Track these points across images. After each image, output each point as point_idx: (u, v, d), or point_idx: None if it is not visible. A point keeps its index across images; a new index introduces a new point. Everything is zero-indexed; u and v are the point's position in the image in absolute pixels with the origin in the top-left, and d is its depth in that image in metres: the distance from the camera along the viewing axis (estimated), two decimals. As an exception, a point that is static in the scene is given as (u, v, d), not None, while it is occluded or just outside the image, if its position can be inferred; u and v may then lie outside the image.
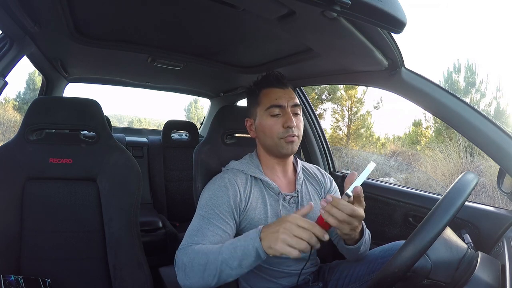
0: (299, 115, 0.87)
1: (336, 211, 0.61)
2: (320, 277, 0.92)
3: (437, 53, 26.09)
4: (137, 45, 1.19)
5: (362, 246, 0.79)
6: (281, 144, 0.84)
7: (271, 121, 0.85)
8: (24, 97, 11.69)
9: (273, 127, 0.84)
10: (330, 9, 0.56)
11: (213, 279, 0.64)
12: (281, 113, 0.85)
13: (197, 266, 0.66)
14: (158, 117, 44.46)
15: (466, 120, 0.84)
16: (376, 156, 7.67)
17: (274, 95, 0.86)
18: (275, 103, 0.85)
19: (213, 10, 0.85)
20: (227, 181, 0.83)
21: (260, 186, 0.86)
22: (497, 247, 0.77)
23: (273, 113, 0.85)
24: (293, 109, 0.86)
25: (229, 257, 0.63)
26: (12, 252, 0.90)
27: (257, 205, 0.84)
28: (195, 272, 0.66)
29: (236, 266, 0.63)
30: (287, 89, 0.88)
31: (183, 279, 0.69)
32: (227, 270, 0.63)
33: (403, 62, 0.89)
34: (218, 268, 0.64)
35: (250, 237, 0.64)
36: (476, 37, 24.00)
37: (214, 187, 0.83)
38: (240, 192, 0.82)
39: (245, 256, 0.62)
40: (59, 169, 0.96)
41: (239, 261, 0.63)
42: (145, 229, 1.48)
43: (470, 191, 0.58)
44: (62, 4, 0.85)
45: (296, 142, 0.85)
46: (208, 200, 0.80)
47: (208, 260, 0.65)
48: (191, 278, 0.67)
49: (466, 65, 8.25)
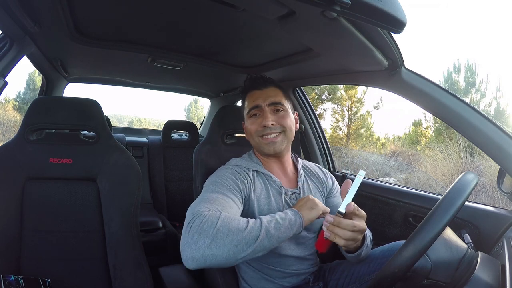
0: (281, 111, 0.88)
1: (339, 230, 0.64)
2: (321, 277, 0.92)
3: (437, 53, 26.09)
4: (137, 45, 1.19)
5: (363, 252, 0.79)
6: (261, 144, 0.88)
7: (251, 121, 0.90)
8: (24, 97, 11.69)
9: (252, 127, 0.89)
10: (330, 9, 0.56)
11: (247, 248, 0.59)
12: (260, 113, 0.88)
13: (236, 231, 0.60)
14: (158, 117, 44.49)
15: (466, 120, 0.84)
16: (376, 156, 7.67)
17: (253, 97, 0.90)
18: (253, 105, 0.89)
19: (213, 10, 0.85)
20: (233, 170, 0.85)
21: (263, 179, 0.88)
22: (497, 247, 0.77)
23: (252, 114, 0.89)
24: (272, 107, 0.88)
25: (272, 226, 0.63)
26: (12, 252, 0.90)
27: (261, 196, 0.85)
28: (231, 238, 0.59)
29: (275, 237, 0.63)
30: (267, 88, 0.91)
31: (208, 247, 0.57)
32: (265, 241, 0.61)
33: (403, 62, 0.89)
34: (259, 235, 0.61)
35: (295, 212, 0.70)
36: (476, 37, 24.01)
37: (220, 172, 0.84)
38: (246, 179, 0.84)
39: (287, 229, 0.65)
40: (59, 169, 0.96)
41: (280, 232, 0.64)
42: (145, 229, 1.48)
43: (470, 191, 0.58)
44: (62, 4, 0.85)
45: (282, 139, 0.87)
46: (217, 179, 0.80)
47: (250, 226, 0.61)
48: (220, 246, 0.58)
49: (466, 65, 8.25)
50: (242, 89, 0.96)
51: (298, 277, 0.88)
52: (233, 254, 0.58)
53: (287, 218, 0.67)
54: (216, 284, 0.89)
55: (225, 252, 0.58)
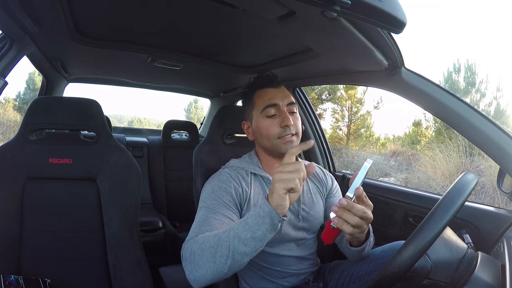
0: (295, 113, 0.87)
1: (348, 215, 0.62)
2: (320, 277, 0.92)
3: (437, 53, 26.09)
4: (137, 45, 1.19)
5: (367, 247, 0.79)
6: (279, 144, 0.83)
7: (267, 122, 0.84)
8: (24, 97, 11.69)
9: (270, 128, 0.83)
10: (330, 9, 0.56)
11: (226, 260, 0.58)
12: (277, 112, 0.84)
13: (208, 249, 0.60)
14: (158, 117, 44.44)
15: (466, 120, 0.84)
16: (376, 156, 7.66)
17: (268, 95, 0.85)
18: (270, 103, 0.84)
19: (213, 10, 0.85)
20: (229, 175, 0.83)
21: (260, 182, 0.87)
22: (497, 247, 0.77)
23: (269, 114, 0.84)
24: (289, 107, 0.85)
25: (241, 230, 0.58)
26: (12, 252, 0.90)
27: (258, 200, 0.84)
28: (206, 257, 0.60)
29: (250, 239, 0.57)
30: (280, 88, 0.88)
31: (193, 271, 0.61)
32: (241, 247, 0.57)
33: (403, 62, 0.89)
34: (230, 245, 0.58)
35: (259, 205, 0.60)
36: (476, 37, 24.01)
37: (216, 181, 0.83)
38: (241, 186, 0.83)
39: (257, 224, 0.57)
40: (59, 169, 0.96)
41: (252, 232, 0.57)
42: (145, 229, 1.48)
43: (470, 191, 0.58)
44: (62, 4, 0.85)
45: (295, 141, 0.84)
46: (211, 192, 0.79)
47: (219, 239, 0.60)
48: (201, 267, 0.60)
49: (466, 65, 8.26)
50: (249, 86, 0.91)
51: (298, 277, 0.88)
52: (216, 270, 0.60)
53: (255, 214, 0.59)
54: (216, 284, 0.88)
55: (208, 271, 0.60)
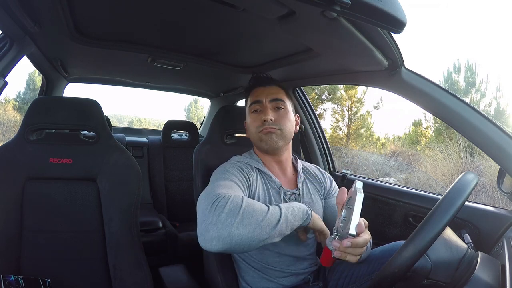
0: (282, 109, 0.89)
1: (352, 250, 0.62)
2: (320, 277, 0.92)
3: (437, 53, 26.09)
4: (137, 45, 1.19)
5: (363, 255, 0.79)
6: (260, 137, 0.88)
7: (252, 117, 0.90)
8: (24, 97, 11.69)
9: (253, 123, 0.89)
10: (330, 9, 0.56)
11: (270, 230, 0.61)
12: (261, 108, 0.89)
13: (260, 211, 0.61)
14: (158, 117, 44.50)
15: (466, 120, 0.84)
16: (376, 156, 7.66)
17: (256, 93, 0.92)
18: (254, 100, 0.91)
19: (213, 10, 0.85)
20: (239, 164, 0.85)
21: (263, 178, 0.88)
22: (497, 247, 0.77)
23: (253, 110, 0.90)
24: (273, 103, 0.89)
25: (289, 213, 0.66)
26: (12, 252, 0.90)
27: (260, 195, 0.85)
28: (256, 218, 0.60)
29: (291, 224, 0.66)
30: (269, 86, 0.92)
31: (234, 226, 0.58)
32: (284, 225, 0.64)
33: (403, 62, 0.89)
34: (280, 219, 0.63)
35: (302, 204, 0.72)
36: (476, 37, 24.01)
37: (227, 165, 0.84)
38: (251, 175, 0.84)
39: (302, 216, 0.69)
40: (59, 169, 0.96)
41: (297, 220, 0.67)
42: (145, 229, 1.48)
43: (470, 191, 0.58)
44: (62, 4, 0.85)
45: (277, 134, 0.87)
46: (224, 172, 0.79)
47: (270, 209, 0.63)
48: (245, 225, 0.59)
49: (466, 65, 8.26)
50: (246, 87, 0.97)
51: (297, 276, 0.88)
52: (257, 235, 0.59)
53: (301, 208, 0.70)
54: (216, 284, 0.89)
55: (250, 232, 0.58)
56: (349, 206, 0.62)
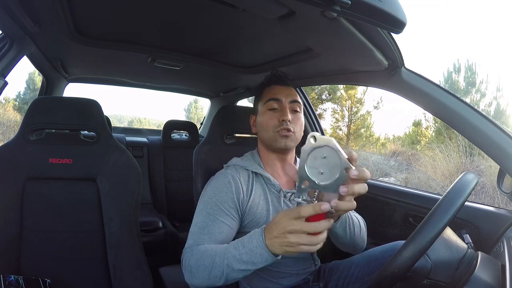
0: (298, 112, 0.88)
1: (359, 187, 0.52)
2: (321, 277, 0.92)
3: (437, 53, 26.09)
4: (137, 45, 1.19)
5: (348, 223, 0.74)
6: (275, 137, 0.85)
7: (269, 114, 0.87)
8: (24, 97, 11.70)
9: (269, 121, 0.86)
10: (330, 9, 0.56)
11: (219, 280, 0.65)
12: (279, 107, 0.87)
13: (203, 267, 0.66)
14: (158, 117, 44.54)
15: (466, 120, 0.84)
16: (376, 156, 7.66)
17: (274, 90, 0.89)
18: (273, 97, 0.87)
19: (213, 10, 0.85)
20: (230, 177, 0.83)
21: (261, 182, 0.87)
22: (497, 247, 0.77)
23: (271, 107, 0.87)
24: (292, 105, 0.87)
25: (235, 262, 0.62)
26: (12, 252, 0.90)
27: (259, 202, 0.84)
28: (201, 273, 0.66)
29: (243, 270, 0.62)
30: (288, 87, 0.91)
31: (190, 279, 0.69)
32: (233, 274, 0.63)
33: (403, 62, 0.89)
34: (224, 271, 0.63)
35: (255, 242, 0.60)
36: (476, 37, 24.01)
37: (217, 183, 0.83)
38: (242, 188, 0.83)
39: (251, 263, 0.60)
40: (59, 169, 0.96)
41: (246, 266, 0.61)
42: (145, 229, 1.48)
43: (470, 191, 0.58)
44: (62, 4, 0.85)
45: (292, 138, 0.86)
46: (213, 196, 0.80)
47: (214, 262, 0.65)
48: (198, 278, 0.67)
49: (466, 65, 8.27)
50: (263, 82, 0.94)
51: (297, 276, 0.88)
52: (211, 284, 0.66)
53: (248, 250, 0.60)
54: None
55: (203, 283, 0.67)
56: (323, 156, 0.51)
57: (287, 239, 0.54)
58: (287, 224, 0.53)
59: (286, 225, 0.53)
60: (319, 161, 0.51)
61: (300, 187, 0.52)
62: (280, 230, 0.55)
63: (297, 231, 0.52)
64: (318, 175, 0.51)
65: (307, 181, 0.52)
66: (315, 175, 0.51)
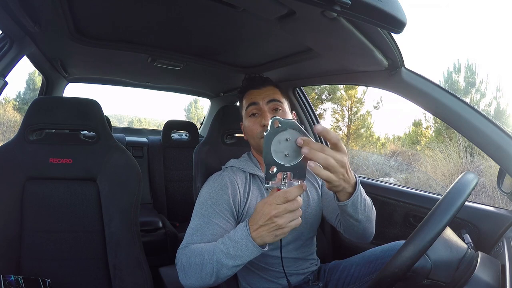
0: (279, 110, 0.87)
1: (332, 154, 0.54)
2: (321, 277, 0.92)
3: (437, 53, 26.10)
4: (137, 45, 1.19)
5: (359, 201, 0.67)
6: (261, 143, 0.84)
7: (251, 121, 0.87)
8: (24, 97, 11.69)
9: (253, 127, 0.86)
10: (330, 9, 0.56)
11: (210, 278, 0.65)
12: (258, 112, 0.86)
13: (194, 266, 0.67)
14: (158, 117, 44.54)
15: (466, 120, 0.84)
16: (376, 156, 7.67)
17: (251, 95, 0.89)
18: (250, 102, 0.88)
19: (213, 10, 0.85)
20: (227, 179, 0.83)
21: (258, 184, 0.87)
22: (497, 247, 0.77)
23: (251, 113, 0.87)
24: (270, 105, 0.86)
25: (223, 257, 0.63)
26: (12, 252, 0.90)
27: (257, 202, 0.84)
28: (193, 272, 0.67)
29: (232, 265, 0.63)
30: (264, 88, 0.90)
31: (183, 279, 0.70)
32: (223, 270, 0.64)
33: (403, 62, 0.89)
34: (214, 267, 0.64)
35: (239, 235, 0.61)
36: (476, 37, 24.02)
37: (214, 185, 0.83)
38: (239, 191, 0.83)
39: (239, 256, 0.62)
40: (59, 169, 0.96)
41: (234, 261, 0.62)
42: (145, 229, 1.48)
43: (470, 191, 0.58)
44: (62, 4, 0.85)
45: None
46: (208, 198, 0.80)
47: (204, 259, 0.65)
48: (190, 278, 0.68)
49: (466, 65, 8.26)
50: (240, 89, 0.95)
51: (297, 276, 0.88)
52: (203, 282, 0.66)
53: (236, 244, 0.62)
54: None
55: (196, 282, 0.67)
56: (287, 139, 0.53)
57: (274, 223, 0.56)
58: (271, 209, 0.56)
59: (270, 211, 0.56)
60: (283, 144, 0.53)
61: (269, 173, 0.54)
62: (265, 218, 0.57)
63: (282, 212, 0.55)
64: (284, 158, 0.54)
65: (274, 166, 0.54)
66: (282, 158, 0.54)
